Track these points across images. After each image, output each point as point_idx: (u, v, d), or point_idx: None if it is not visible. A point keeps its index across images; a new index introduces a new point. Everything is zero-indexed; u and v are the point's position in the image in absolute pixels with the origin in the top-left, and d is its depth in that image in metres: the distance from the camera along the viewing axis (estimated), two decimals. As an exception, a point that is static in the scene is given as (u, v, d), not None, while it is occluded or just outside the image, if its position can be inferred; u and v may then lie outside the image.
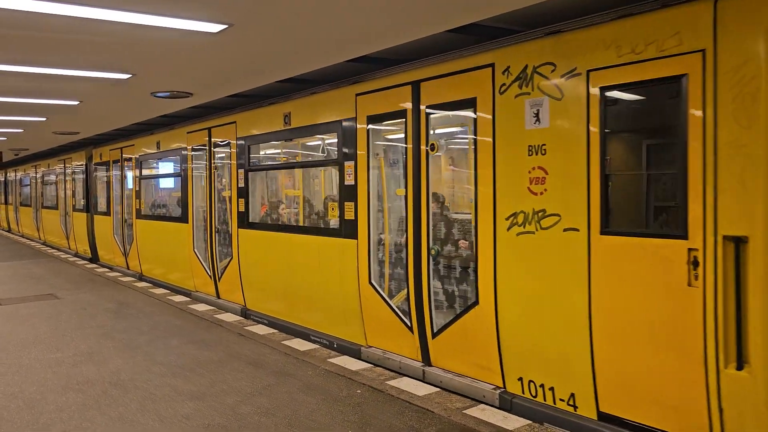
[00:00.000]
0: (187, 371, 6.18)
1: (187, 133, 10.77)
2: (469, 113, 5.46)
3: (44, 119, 10.26)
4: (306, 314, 7.87)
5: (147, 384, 5.78)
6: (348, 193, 6.91)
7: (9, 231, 27.79)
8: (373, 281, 6.64)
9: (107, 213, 14.96)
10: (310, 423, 4.82)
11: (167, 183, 12.81)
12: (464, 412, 5.08)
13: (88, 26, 4.51)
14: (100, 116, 10.11)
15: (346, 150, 6.94)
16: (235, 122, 9.19)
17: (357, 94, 6.71)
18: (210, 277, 10.25)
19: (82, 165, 16.31)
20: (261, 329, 8.11)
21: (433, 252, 5.96)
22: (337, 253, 7.12)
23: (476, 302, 5.48)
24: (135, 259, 13.35)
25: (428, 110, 5.89)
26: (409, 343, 6.24)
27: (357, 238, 6.78)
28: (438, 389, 5.68)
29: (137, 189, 13.02)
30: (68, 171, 17.59)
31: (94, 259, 16.06)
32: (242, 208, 9.10)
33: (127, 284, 11.96)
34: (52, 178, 19.56)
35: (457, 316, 5.73)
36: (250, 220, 9.09)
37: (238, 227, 9.25)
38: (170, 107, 9.13)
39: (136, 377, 6.00)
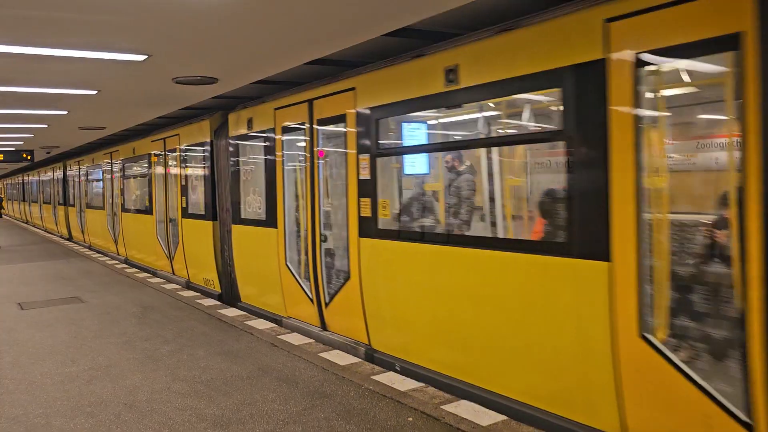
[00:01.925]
0: (212, 390, 5.45)
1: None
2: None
3: (65, 112, 9.69)
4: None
5: (166, 406, 5.07)
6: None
7: (70, 239, 22.35)
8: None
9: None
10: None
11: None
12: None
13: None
14: (122, 108, 9.49)
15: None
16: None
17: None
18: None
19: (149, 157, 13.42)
20: (296, 339, 7.36)
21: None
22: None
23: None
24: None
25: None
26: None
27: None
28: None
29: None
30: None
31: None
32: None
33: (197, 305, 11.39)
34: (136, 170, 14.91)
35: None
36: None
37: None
38: (194, 96, 8.43)
39: (154, 397, 5.29)
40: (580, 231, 4.22)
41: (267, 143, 8.41)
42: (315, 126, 7.30)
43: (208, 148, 10.30)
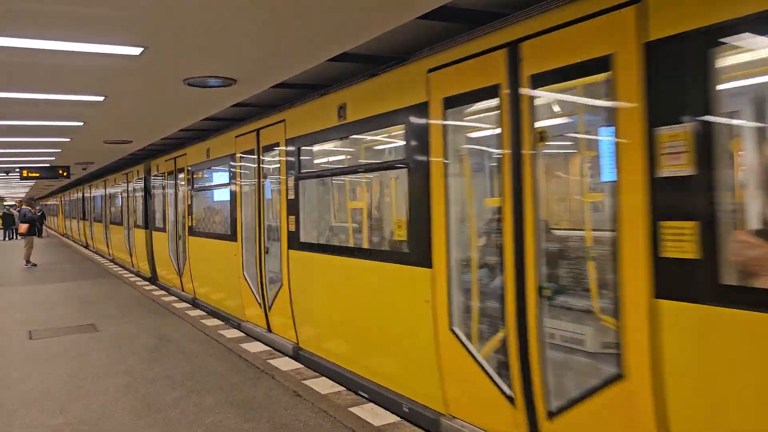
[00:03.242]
0: (212, 459, 4.36)
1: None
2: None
3: (81, 124, 8.92)
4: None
5: (149, 484, 4.00)
6: None
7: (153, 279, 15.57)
8: None
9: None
10: None
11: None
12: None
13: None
14: (138, 118, 8.65)
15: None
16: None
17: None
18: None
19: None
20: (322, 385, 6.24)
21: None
22: None
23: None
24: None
25: None
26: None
27: None
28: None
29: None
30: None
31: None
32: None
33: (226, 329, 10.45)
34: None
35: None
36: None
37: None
38: (213, 102, 7.47)
39: (139, 468, 4.23)
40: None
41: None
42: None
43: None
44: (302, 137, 7.13)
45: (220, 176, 10.45)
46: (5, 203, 52.40)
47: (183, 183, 12.12)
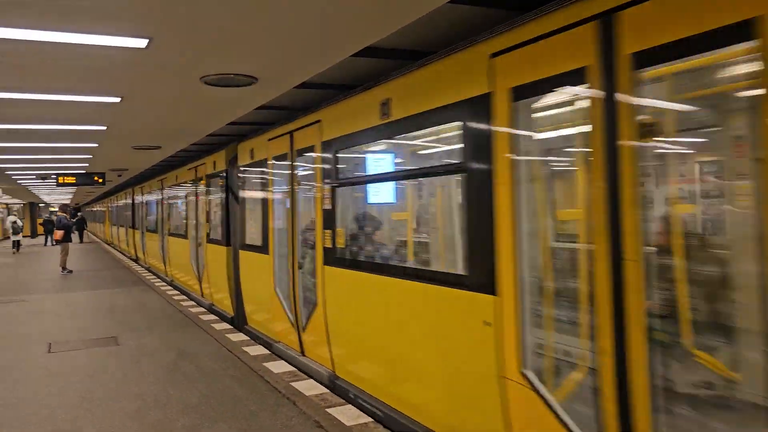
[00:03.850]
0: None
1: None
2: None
3: (104, 128, 8.55)
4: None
5: None
6: None
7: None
8: None
9: None
10: None
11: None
12: None
13: None
14: (160, 120, 8.23)
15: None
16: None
17: None
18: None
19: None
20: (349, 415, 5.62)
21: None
22: None
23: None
24: None
25: None
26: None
27: None
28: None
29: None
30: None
31: None
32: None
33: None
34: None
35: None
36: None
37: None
38: (233, 104, 6.98)
39: None
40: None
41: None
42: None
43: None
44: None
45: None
46: (51, 209, 53.65)
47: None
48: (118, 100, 6.49)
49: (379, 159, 6.64)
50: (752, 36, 2.50)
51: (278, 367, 7.26)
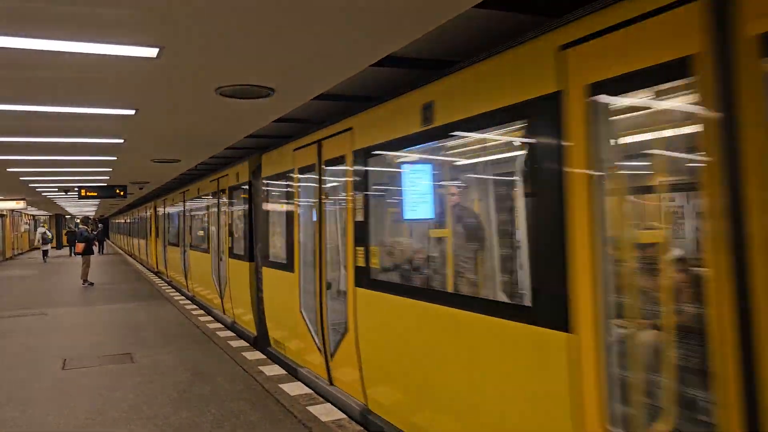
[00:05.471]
0: None
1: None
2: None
3: (122, 141, 8.43)
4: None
5: None
6: None
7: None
8: None
9: None
10: None
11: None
12: None
13: None
14: (176, 133, 8.08)
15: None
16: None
17: None
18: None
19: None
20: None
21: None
22: None
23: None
24: None
25: None
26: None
27: None
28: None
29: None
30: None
31: None
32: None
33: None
34: None
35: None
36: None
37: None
38: (251, 117, 6.78)
39: None
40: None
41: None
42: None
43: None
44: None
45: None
46: (77, 220, 54.37)
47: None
48: (132, 112, 6.33)
49: (425, 169, 5.97)
50: None
51: (294, 389, 6.98)
